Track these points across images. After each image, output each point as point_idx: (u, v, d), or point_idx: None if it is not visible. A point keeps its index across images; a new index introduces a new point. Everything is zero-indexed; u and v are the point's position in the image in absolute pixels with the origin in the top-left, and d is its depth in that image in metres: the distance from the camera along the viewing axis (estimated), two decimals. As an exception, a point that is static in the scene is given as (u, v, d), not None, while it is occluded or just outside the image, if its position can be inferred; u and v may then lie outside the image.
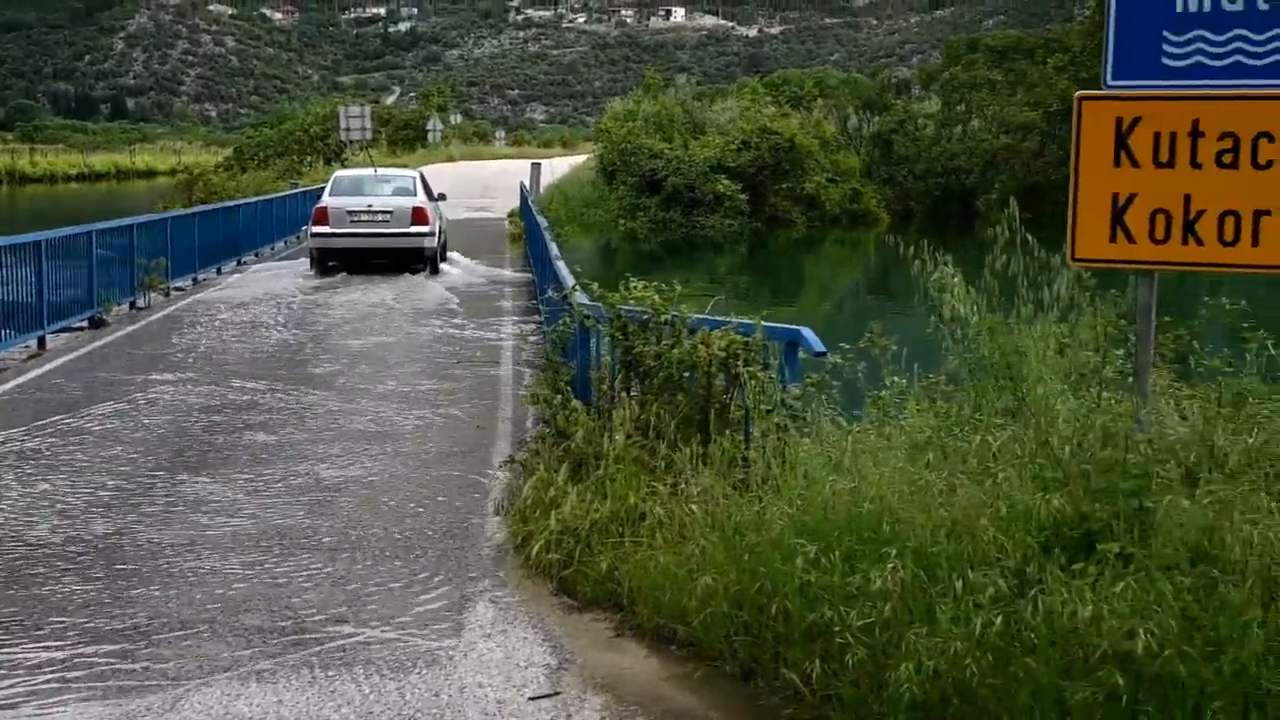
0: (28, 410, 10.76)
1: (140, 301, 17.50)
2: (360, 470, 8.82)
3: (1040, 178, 37.37)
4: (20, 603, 6.23)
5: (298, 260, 24.40)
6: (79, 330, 15.25)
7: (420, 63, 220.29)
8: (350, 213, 21.77)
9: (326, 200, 22.37)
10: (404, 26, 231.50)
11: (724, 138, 41.33)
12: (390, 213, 21.87)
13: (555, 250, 12.97)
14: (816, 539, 5.23)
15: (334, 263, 22.08)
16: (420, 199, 22.45)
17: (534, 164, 35.51)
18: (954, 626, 4.64)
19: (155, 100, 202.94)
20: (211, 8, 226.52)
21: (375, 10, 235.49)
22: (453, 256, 24.80)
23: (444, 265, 23.19)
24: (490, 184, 40.52)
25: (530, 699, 5.19)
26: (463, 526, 7.55)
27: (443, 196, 24.75)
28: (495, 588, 6.50)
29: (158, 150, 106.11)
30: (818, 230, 39.27)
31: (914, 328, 6.84)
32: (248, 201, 28.23)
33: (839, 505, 5.35)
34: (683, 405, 7.01)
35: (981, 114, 44.35)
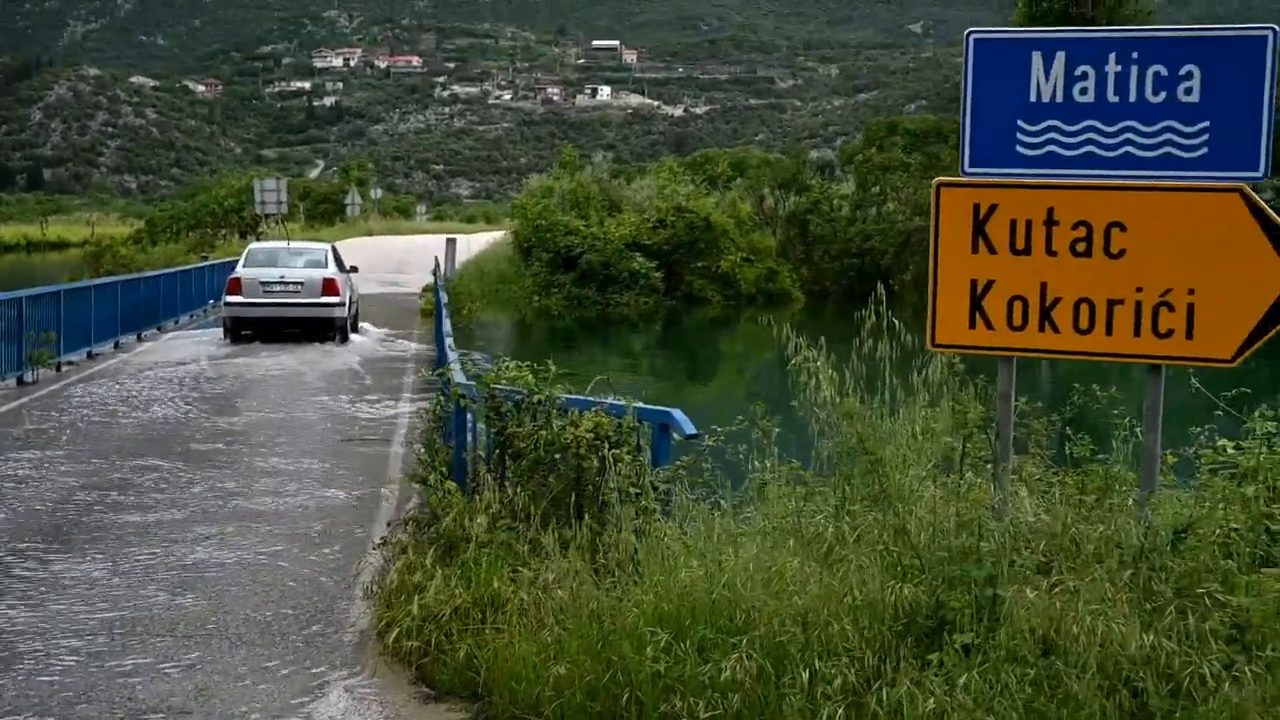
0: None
1: (28, 376, 16.99)
2: (231, 552, 8.57)
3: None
4: None
5: (213, 329, 24.77)
6: (-41, 404, 14.80)
7: (345, 137, 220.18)
8: (263, 283, 22.60)
9: (240, 271, 23.08)
10: (329, 101, 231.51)
11: (640, 216, 41.60)
12: (301, 284, 22.73)
13: (447, 326, 12.87)
14: (671, 627, 5.14)
15: (247, 331, 22.81)
16: (331, 271, 23.22)
17: (449, 239, 35.45)
18: (798, 718, 4.55)
19: (73, 171, 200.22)
20: (133, 79, 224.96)
21: (300, 84, 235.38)
22: (364, 327, 25.59)
23: (354, 335, 23.78)
24: (405, 259, 40.38)
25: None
26: (328, 611, 7.34)
27: (354, 269, 25.33)
28: (352, 675, 6.30)
29: (73, 221, 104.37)
30: (733, 309, 39.51)
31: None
32: (152, 274, 27.78)
33: (695, 592, 5.27)
34: (554, 487, 6.90)
35: (896, 196, 45.07)
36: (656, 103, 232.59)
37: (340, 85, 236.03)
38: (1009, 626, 4.64)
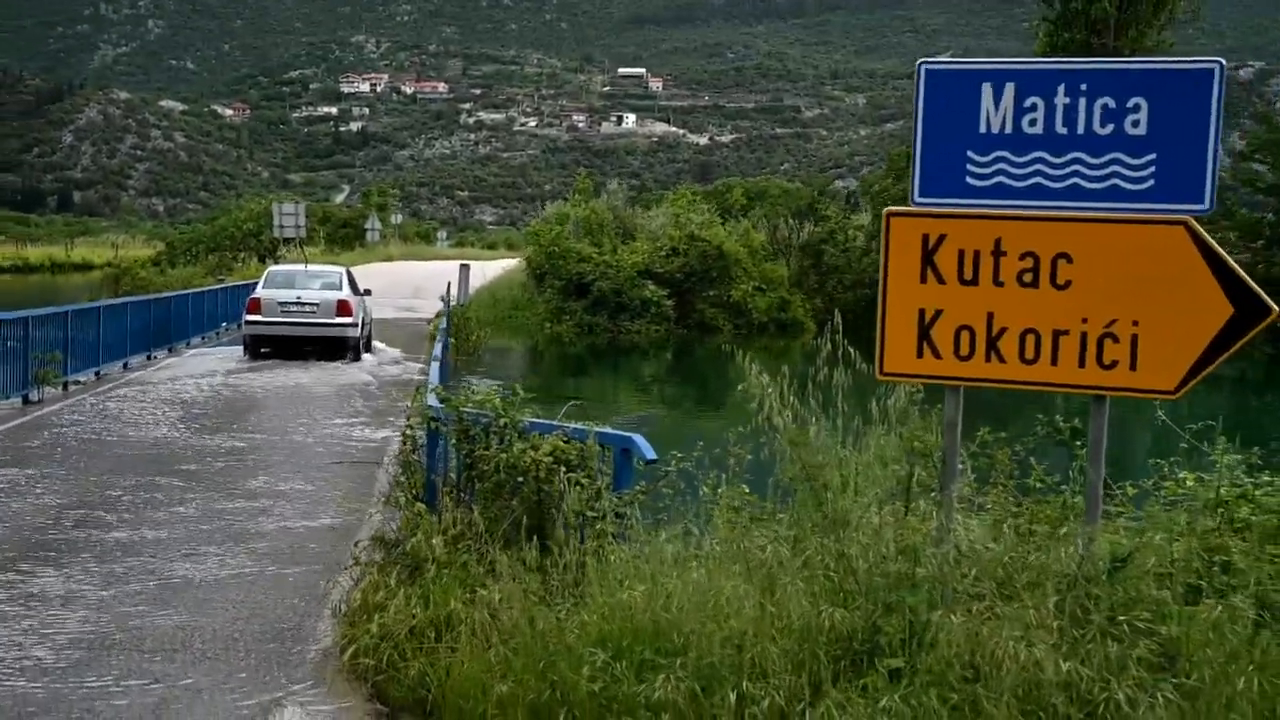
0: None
1: (34, 395, 17.20)
2: (210, 570, 8.68)
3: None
4: None
5: (228, 349, 26.17)
6: (-37, 423, 14.98)
7: (370, 162, 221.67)
8: (281, 304, 24.02)
9: (260, 292, 24.50)
10: (355, 126, 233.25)
11: (653, 244, 41.79)
12: (317, 304, 24.07)
13: (437, 351, 12.99)
14: (611, 647, 5.21)
15: (266, 349, 24.29)
16: (345, 293, 24.55)
17: (462, 265, 35.68)
18: (726, 739, 4.62)
19: (103, 194, 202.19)
20: (162, 103, 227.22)
21: (327, 109, 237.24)
22: (378, 346, 27.03)
23: (367, 355, 25.17)
24: (422, 285, 40.59)
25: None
26: (295, 629, 7.43)
27: (368, 292, 26.43)
28: (309, 691, 6.40)
29: (99, 244, 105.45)
30: (744, 338, 39.56)
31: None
32: (163, 296, 28.14)
33: (636, 614, 5.34)
34: (517, 509, 6.98)
35: (911, 227, 45.02)
36: (682, 131, 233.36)
37: (367, 110, 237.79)
38: (935, 652, 4.70)
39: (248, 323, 24.33)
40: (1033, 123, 5.73)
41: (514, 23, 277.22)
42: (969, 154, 5.82)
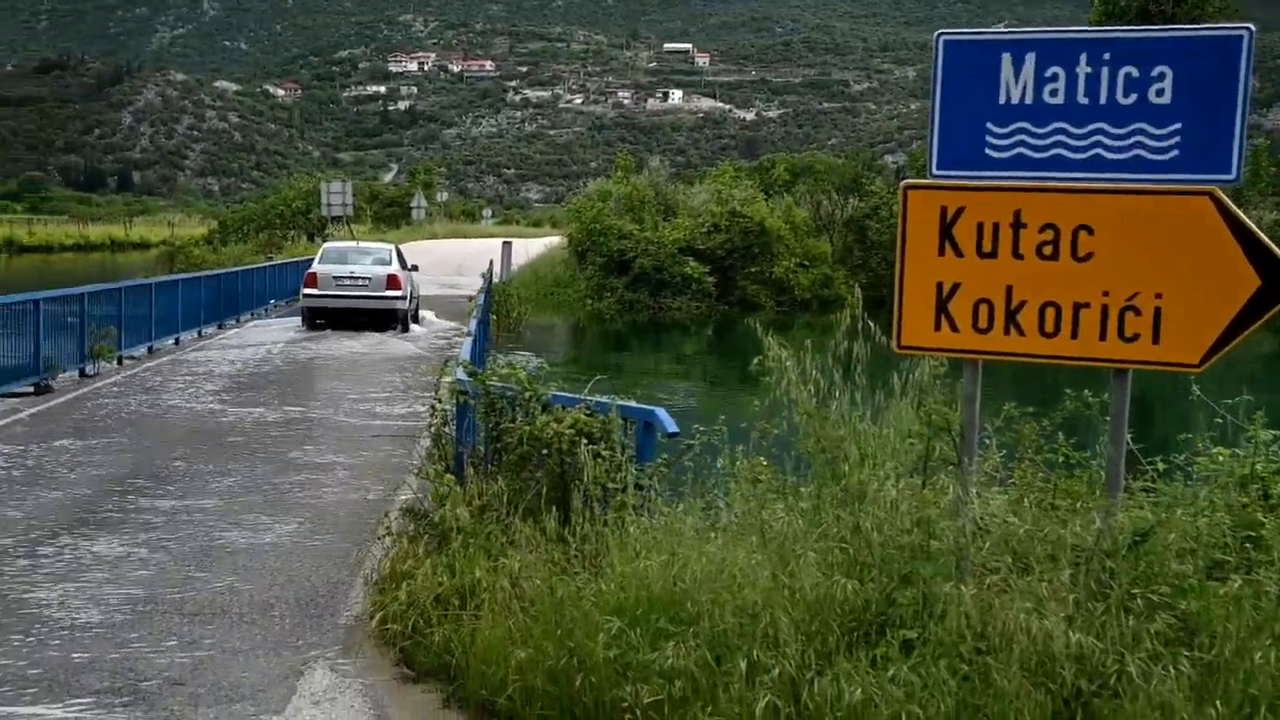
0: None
1: (89, 369, 17.56)
2: (250, 538, 8.86)
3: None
4: None
5: (278, 322, 27.54)
6: (24, 395, 15.30)
7: (418, 141, 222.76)
8: (335, 278, 25.69)
9: (316, 267, 26.18)
10: (403, 105, 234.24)
11: (694, 220, 41.70)
12: (369, 279, 25.74)
13: (471, 327, 13.11)
14: (628, 616, 5.27)
15: (321, 320, 25.84)
16: (395, 268, 26.19)
17: (504, 243, 35.89)
18: (736, 706, 4.67)
19: (160, 174, 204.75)
20: (217, 84, 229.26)
21: (375, 88, 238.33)
22: (425, 316, 28.82)
23: (414, 325, 26.80)
24: (465, 263, 40.81)
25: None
26: (328, 595, 7.58)
27: (415, 268, 28.12)
28: (339, 656, 6.53)
29: (156, 223, 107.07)
30: (786, 315, 39.46)
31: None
32: (214, 273, 28.65)
33: (653, 584, 5.40)
34: (540, 481, 7.06)
35: (957, 202, 44.66)
36: (728, 106, 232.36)
37: (414, 89, 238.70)
38: (945, 623, 4.72)
39: (305, 295, 25.97)
40: (1054, 93, 5.66)
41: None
42: (988, 125, 5.77)
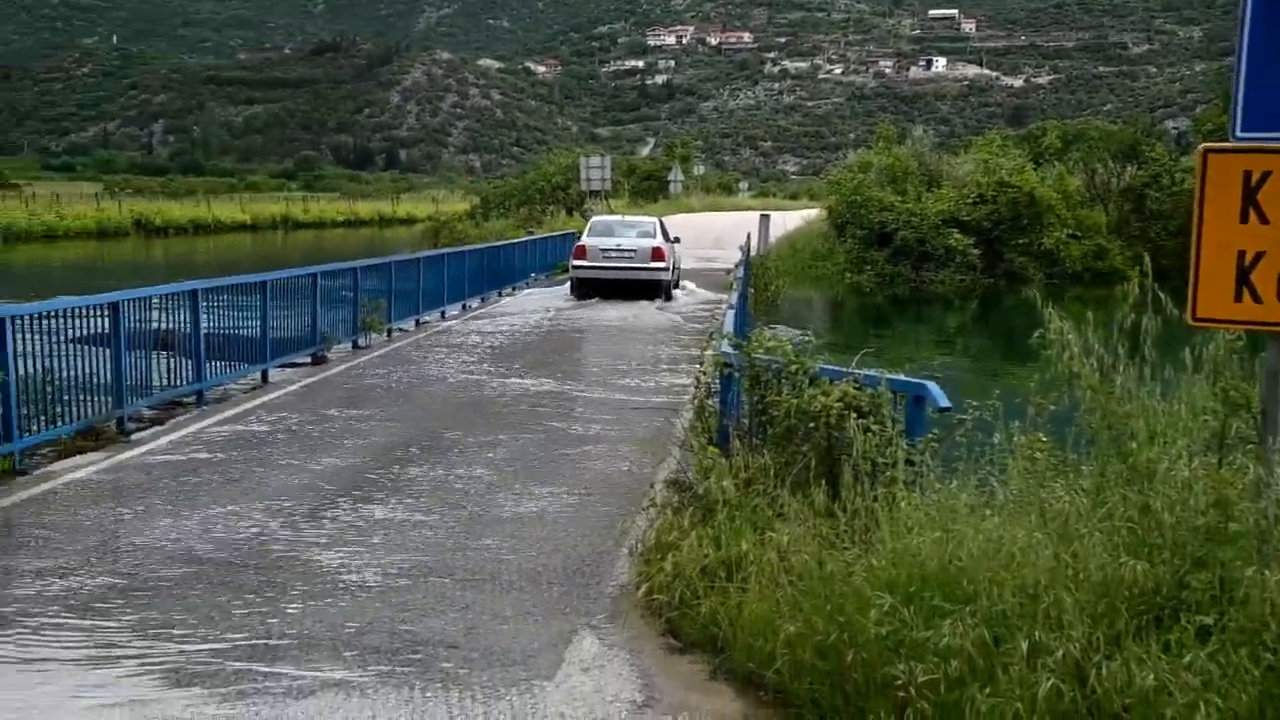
0: (234, 436, 11.62)
1: (361, 341, 18.43)
2: (516, 508, 9.10)
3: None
4: (169, 610, 6.74)
5: (536, 297, 28.57)
6: (302, 365, 16.22)
7: (675, 114, 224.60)
8: (603, 250, 27.01)
9: (585, 240, 27.64)
10: (660, 79, 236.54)
11: (959, 191, 40.56)
12: (634, 251, 26.90)
13: (733, 299, 13.11)
14: (900, 593, 5.17)
15: (589, 290, 27.11)
16: (659, 241, 27.33)
17: (762, 215, 35.79)
18: (1016, 688, 4.51)
19: (425, 151, 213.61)
20: (480, 62, 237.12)
21: (633, 63, 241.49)
22: (687, 285, 29.84)
23: (676, 292, 27.91)
24: (721, 235, 40.91)
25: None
26: (594, 565, 7.72)
27: (677, 240, 29.17)
28: (606, 624, 6.64)
29: (421, 199, 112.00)
30: (1056, 288, 37.94)
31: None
32: (476, 248, 29.60)
33: (926, 561, 5.28)
34: (807, 454, 7.00)
35: (1252, 167, 41.93)
36: (995, 73, 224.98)
37: (672, 63, 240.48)
38: (1247, 610, 4.43)
39: (574, 267, 27.30)
40: (1378, 46, 5.21)
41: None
42: (1304, 81, 5.35)
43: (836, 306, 36.11)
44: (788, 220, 44.20)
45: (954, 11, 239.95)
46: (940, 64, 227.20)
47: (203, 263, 54.87)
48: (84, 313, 11.39)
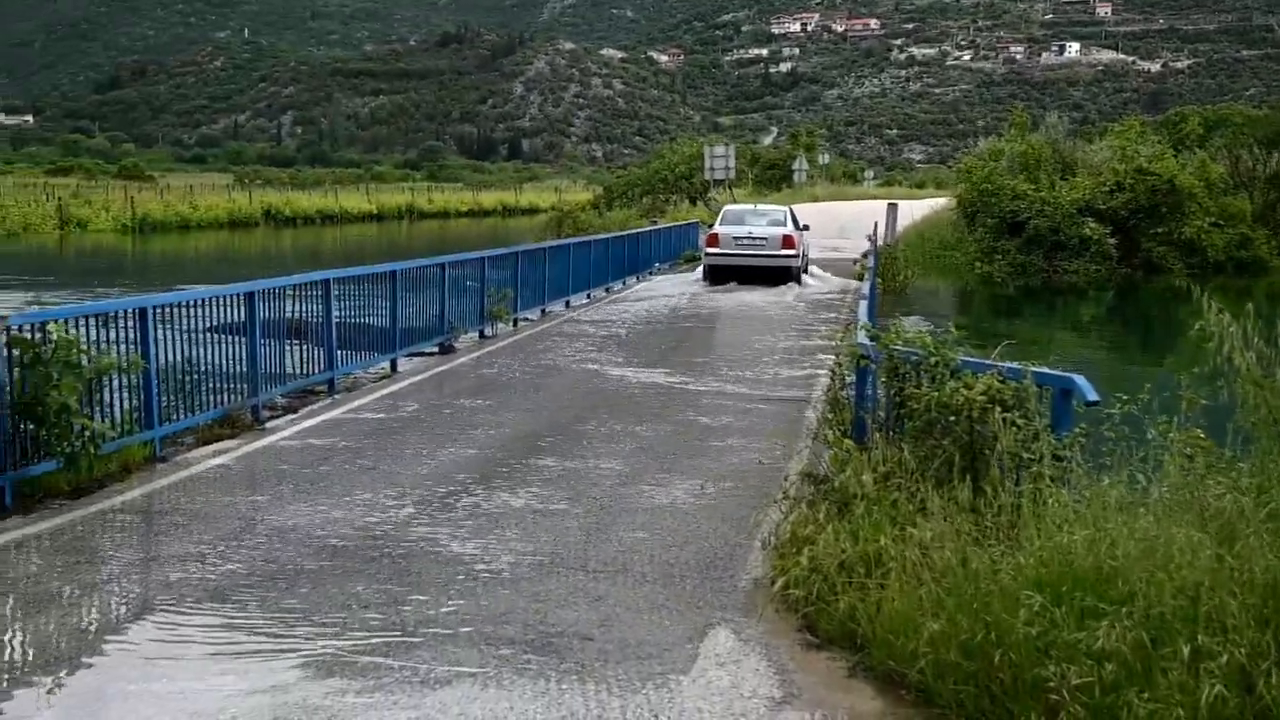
0: (365, 425, 11.82)
1: (488, 330, 18.59)
2: (647, 499, 9.06)
3: None
4: (305, 597, 6.85)
5: (659, 288, 28.52)
6: (429, 355, 16.43)
7: (799, 103, 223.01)
8: (735, 238, 27.89)
9: (718, 228, 28.59)
10: (784, 67, 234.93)
11: (1095, 179, 39.45)
12: (765, 239, 27.78)
13: (865, 289, 12.93)
14: (1049, 592, 5.02)
15: (722, 277, 27.70)
16: (789, 229, 28.17)
17: (890, 205, 35.23)
18: (1177, 694, 4.34)
19: (547, 141, 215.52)
20: (603, 52, 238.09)
21: (757, 51, 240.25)
22: (814, 270, 30.52)
23: (806, 278, 28.59)
24: (847, 225, 40.45)
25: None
26: (727, 558, 7.65)
27: (806, 228, 30.15)
28: (740, 619, 6.56)
29: (543, 189, 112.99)
30: (1197, 278, 36.68)
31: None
32: (601, 238, 29.65)
33: (1077, 559, 5.11)
34: (948, 449, 6.84)
35: None
36: (1131, 58, 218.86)
37: (796, 51, 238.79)
38: None
39: (707, 254, 28.34)
40: None
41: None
42: None
43: (965, 296, 35.42)
44: (914, 209, 43.49)
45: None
46: (1073, 49, 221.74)
47: (330, 252, 56.05)
48: (220, 302, 11.65)
